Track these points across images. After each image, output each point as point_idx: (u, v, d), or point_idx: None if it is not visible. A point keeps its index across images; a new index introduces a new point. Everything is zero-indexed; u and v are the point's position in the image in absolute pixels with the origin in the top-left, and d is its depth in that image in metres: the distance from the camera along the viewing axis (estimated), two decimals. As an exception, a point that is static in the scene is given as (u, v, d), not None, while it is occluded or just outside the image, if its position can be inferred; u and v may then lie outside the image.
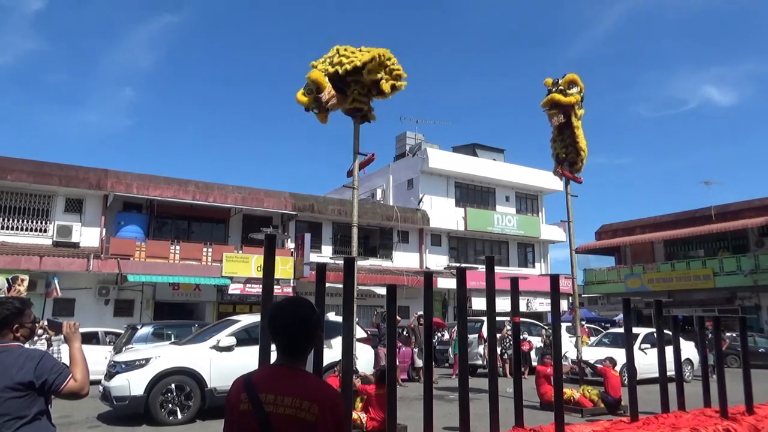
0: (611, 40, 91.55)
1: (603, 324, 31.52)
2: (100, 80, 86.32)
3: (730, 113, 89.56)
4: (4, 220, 20.11)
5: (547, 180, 32.55)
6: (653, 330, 14.75)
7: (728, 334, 21.47)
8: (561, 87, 11.73)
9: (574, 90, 11.86)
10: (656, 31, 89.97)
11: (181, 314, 21.72)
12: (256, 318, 10.51)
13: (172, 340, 13.14)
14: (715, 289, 27.39)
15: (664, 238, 30.31)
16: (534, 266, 33.22)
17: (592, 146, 12.60)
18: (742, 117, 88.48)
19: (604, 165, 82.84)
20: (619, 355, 12.19)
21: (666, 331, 9.10)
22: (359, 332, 11.04)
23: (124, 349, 12.46)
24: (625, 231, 33.09)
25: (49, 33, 78.31)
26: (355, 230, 9.29)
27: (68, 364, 2.87)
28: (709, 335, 10.74)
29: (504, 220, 31.16)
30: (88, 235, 21.02)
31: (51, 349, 11.63)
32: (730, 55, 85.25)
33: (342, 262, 6.05)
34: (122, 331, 15.00)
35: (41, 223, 20.77)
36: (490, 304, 6.75)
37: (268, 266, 5.72)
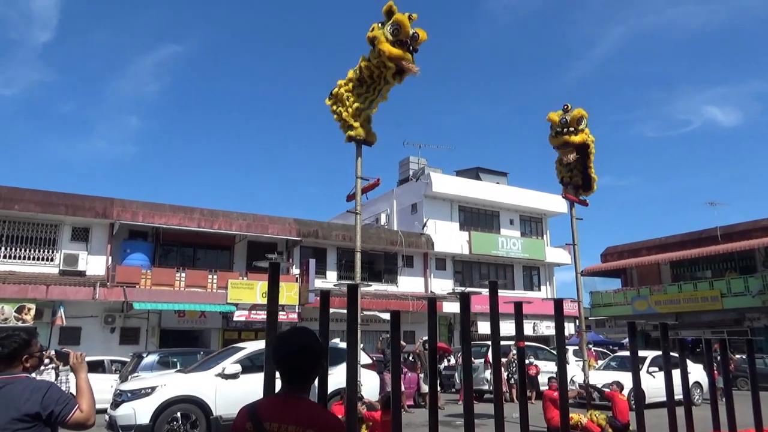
0: (614, 61, 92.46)
1: (611, 347, 31.21)
2: (107, 109, 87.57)
3: (734, 133, 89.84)
4: (11, 249, 20.26)
5: (551, 202, 32.60)
6: (661, 353, 14.64)
7: (737, 356, 21.22)
8: (571, 128, 11.81)
9: (583, 124, 11.96)
10: (658, 52, 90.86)
11: (186, 341, 21.69)
12: (261, 345, 10.50)
13: (178, 367, 13.11)
14: (723, 311, 27.12)
15: (670, 259, 30.15)
16: (540, 289, 33.06)
17: (596, 167, 12.61)
18: (745, 137, 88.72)
19: (608, 186, 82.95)
20: (627, 378, 12.05)
21: (674, 354, 9.03)
22: (364, 358, 11.00)
23: (129, 377, 12.45)
24: (631, 253, 32.93)
25: (56, 64, 79.72)
26: (358, 256, 9.30)
27: (75, 394, 2.90)
28: (718, 357, 10.64)
29: (509, 243, 31.12)
30: (94, 264, 21.11)
31: (59, 379, 11.67)
32: (731, 75, 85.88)
33: (341, 287, 6.08)
34: (128, 360, 14.99)
35: (48, 252, 20.89)
36: (494, 328, 6.73)
37: (273, 294, 5.73)
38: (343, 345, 10.39)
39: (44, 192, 20.63)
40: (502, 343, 7.48)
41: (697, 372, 15.49)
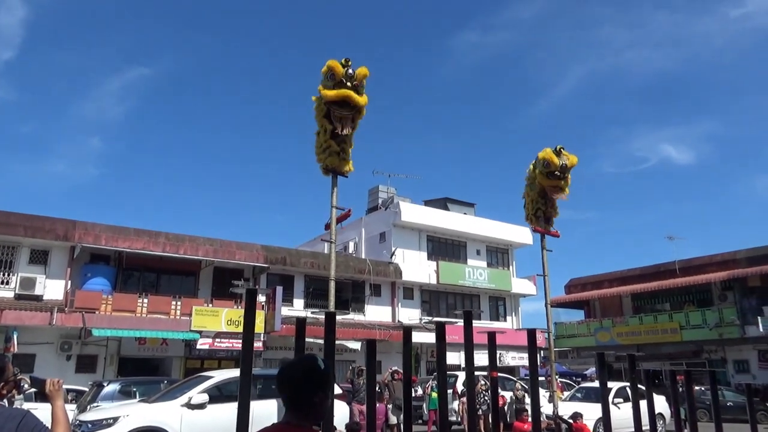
0: (574, 99, 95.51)
1: (574, 378, 31.50)
2: (68, 130, 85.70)
3: (688, 171, 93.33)
4: (-36, 271, 19.45)
5: (517, 234, 33.13)
6: (625, 384, 14.86)
7: (696, 387, 21.70)
8: (566, 174, 12.43)
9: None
10: (616, 92, 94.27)
11: (146, 370, 21.01)
12: (229, 374, 10.28)
13: (139, 397, 12.68)
14: (682, 343, 27.79)
15: (631, 291, 30.86)
16: (506, 320, 33.30)
17: (558, 200, 13.06)
18: (699, 175, 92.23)
19: (569, 219, 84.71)
20: (593, 409, 12.18)
21: (639, 386, 9.19)
22: (335, 389, 10.85)
23: (89, 407, 11.97)
24: (594, 285, 33.59)
25: (17, 82, 77.98)
26: (332, 284, 9.31)
27: (50, 424, 2.80)
28: (681, 389, 10.88)
29: (475, 273, 31.38)
30: (52, 288, 20.40)
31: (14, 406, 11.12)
32: (685, 116, 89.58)
33: (316, 316, 6.05)
34: (86, 389, 14.42)
35: (4, 275, 20.12)
36: (469, 359, 6.76)
37: (249, 321, 5.66)
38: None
39: (2, 212, 19.93)
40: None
41: (659, 403, 15.75)
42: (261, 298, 23.93)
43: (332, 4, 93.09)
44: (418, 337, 25.68)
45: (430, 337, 24.64)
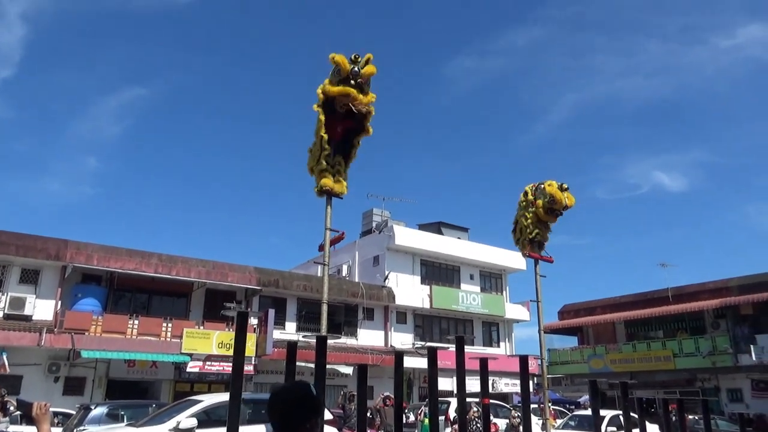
0: (568, 126, 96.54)
1: (567, 405, 31.26)
2: (64, 149, 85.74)
3: (681, 198, 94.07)
4: (-47, 290, 19.25)
5: (510, 259, 33.15)
6: (618, 412, 14.76)
7: (689, 416, 21.54)
8: (564, 210, 12.67)
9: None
10: (609, 119, 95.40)
11: (135, 393, 20.69)
12: (218, 398, 10.16)
13: (127, 421, 12.48)
14: (675, 371, 27.64)
15: (624, 318, 30.78)
16: (499, 345, 33.14)
17: (551, 226, 13.17)
18: (691, 202, 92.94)
19: (563, 245, 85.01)
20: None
21: (632, 414, 9.14)
22: (325, 414, 10.73)
23: (75, 430, 11.76)
24: (587, 311, 33.49)
25: (15, 101, 78.17)
26: (324, 307, 9.26)
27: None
28: (674, 418, 10.82)
29: (468, 298, 31.30)
30: (42, 308, 20.20)
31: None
32: (677, 144, 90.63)
33: (308, 339, 6.02)
34: (73, 412, 14.18)
35: (-7, 294, 19.93)
36: (461, 385, 6.73)
37: (239, 344, 5.63)
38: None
39: (-6, 231, 19.84)
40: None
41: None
42: (253, 321, 23.78)
43: (327, 27, 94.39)
44: (410, 362, 25.48)
45: (422, 363, 24.45)
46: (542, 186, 13.29)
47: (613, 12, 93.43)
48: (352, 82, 9.01)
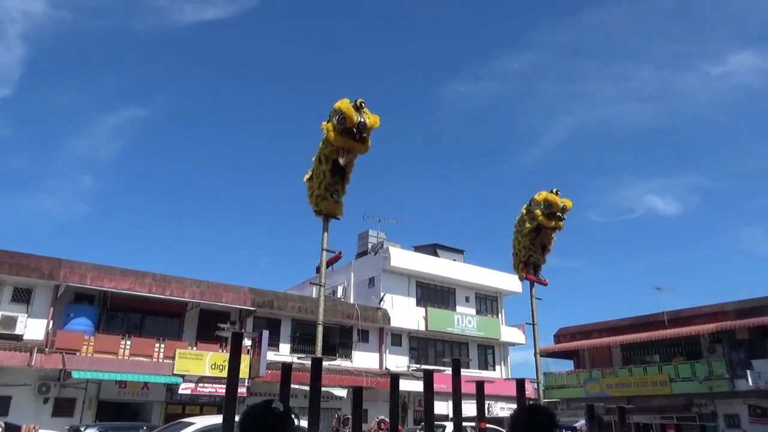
0: (562, 149, 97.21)
1: (564, 430, 30.92)
2: (61, 167, 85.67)
3: (675, 222, 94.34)
4: (-57, 309, 19.04)
5: (506, 282, 33.10)
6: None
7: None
8: (564, 215, 12.68)
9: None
10: (603, 143, 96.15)
11: (126, 415, 20.42)
12: (211, 420, 9.99)
13: (116, 443, 12.29)
14: (672, 396, 27.46)
15: (621, 342, 30.65)
16: (494, 368, 32.90)
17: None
18: (685, 226, 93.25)
19: (558, 268, 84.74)
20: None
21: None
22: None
23: (62, 453, 11.56)
24: (583, 335, 33.34)
25: (13, 119, 78.27)
26: (320, 328, 9.18)
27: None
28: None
29: (464, 320, 31.16)
30: (33, 327, 19.96)
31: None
32: (671, 168, 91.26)
33: (303, 361, 5.97)
34: (62, 434, 13.97)
35: (-16, 313, 19.71)
36: (457, 409, 6.66)
37: (233, 365, 5.59)
38: (303, 422, 9.98)
39: (-13, 249, 19.71)
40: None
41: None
42: (246, 342, 23.57)
43: (325, 47, 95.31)
44: (405, 385, 25.23)
45: (417, 386, 24.20)
46: (533, 198, 13.34)
47: (606, 38, 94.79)
48: (358, 136, 9.06)
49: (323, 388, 21.77)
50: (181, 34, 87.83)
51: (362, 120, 8.94)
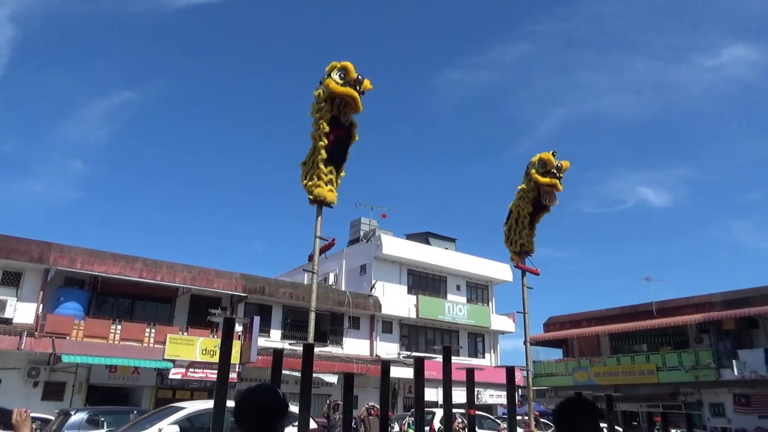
0: (555, 140, 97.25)
1: (551, 418, 31.29)
2: (49, 151, 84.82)
3: (665, 214, 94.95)
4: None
5: (497, 270, 33.27)
6: (603, 425, 14.80)
7: (672, 431, 21.65)
8: (561, 174, 12.61)
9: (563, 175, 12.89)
10: (595, 134, 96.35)
11: (115, 399, 20.43)
12: (201, 405, 10.03)
13: (107, 428, 12.31)
14: (659, 384, 27.81)
15: (609, 331, 30.96)
16: (484, 356, 33.15)
17: (538, 239, 13.24)
18: (675, 218, 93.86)
19: (548, 257, 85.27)
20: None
21: (616, 427, 9.17)
22: (310, 423, 10.63)
23: (53, 437, 11.56)
24: (573, 324, 33.65)
25: (2, 101, 77.29)
26: (312, 315, 9.23)
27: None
28: (657, 431, 10.88)
29: (455, 308, 31.31)
30: (23, 311, 19.89)
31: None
32: (662, 160, 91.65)
33: (293, 347, 5.99)
34: (52, 417, 13.96)
35: (-27, 296, 19.58)
36: (447, 396, 6.69)
37: (225, 351, 5.57)
38: (293, 408, 10.01)
39: (-24, 232, 19.54)
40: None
41: (635, 446, 15.69)
42: (237, 328, 23.60)
43: (318, 34, 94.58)
44: (395, 372, 25.39)
45: (407, 372, 24.38)
46: (530, 161, 13.36)
47: (600, 29, 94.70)
48: (357, 89, 9.31)
49: (315, 374, 21.90)
50: (174, 18, 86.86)
51: (360, 77, 9.31)
